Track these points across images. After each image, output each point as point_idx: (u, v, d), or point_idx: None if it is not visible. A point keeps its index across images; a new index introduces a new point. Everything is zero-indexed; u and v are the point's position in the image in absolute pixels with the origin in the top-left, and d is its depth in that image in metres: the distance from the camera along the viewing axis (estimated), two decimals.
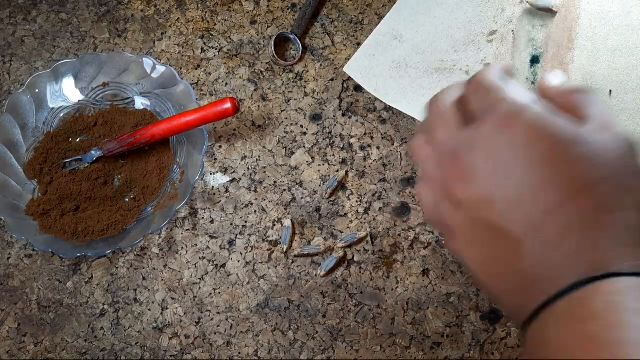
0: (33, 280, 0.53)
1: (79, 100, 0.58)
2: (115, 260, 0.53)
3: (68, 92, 0.58)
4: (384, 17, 0.62)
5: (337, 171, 0.56)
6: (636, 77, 0.55)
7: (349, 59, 0.60)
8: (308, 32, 0.62)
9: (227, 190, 0.56)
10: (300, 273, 0.52)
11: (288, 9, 0.64)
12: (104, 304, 0.52)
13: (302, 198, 0.55)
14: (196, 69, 0.61)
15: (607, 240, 0.25)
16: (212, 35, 0.63)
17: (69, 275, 0.53)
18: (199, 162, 0.52)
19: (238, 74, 0.61)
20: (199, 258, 0.53)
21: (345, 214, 0.54)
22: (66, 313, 0.52)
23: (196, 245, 0.54)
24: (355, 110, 0.58)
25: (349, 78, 0.60)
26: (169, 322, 0.51)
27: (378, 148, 0.57)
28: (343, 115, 0.58)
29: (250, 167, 0.56)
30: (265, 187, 0.55)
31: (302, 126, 0.58)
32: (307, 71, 0.60)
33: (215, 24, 0.63)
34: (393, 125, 0.58)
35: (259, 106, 0.59)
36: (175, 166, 0.55)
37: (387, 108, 0.58)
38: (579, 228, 0.26)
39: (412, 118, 0.57)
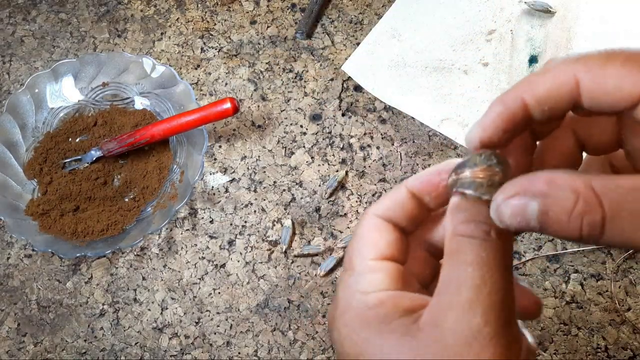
0: (33, 280, 0.53)
1: (79, 100, 0.58)
2: (115, 260, 0.53)
3: (68, 92, 0.58)
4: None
5: (337, 171, 0.56)
6: None
7: (348, 59, 0.60)
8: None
9: (226, 190, 0.56)
10: (300, 273, 0.52)
11: (288, 9, 0.64)
12: (103, 304, 0.52)
13: (301, 198, 0.55)
14: (196, 69, 0.61)
15: None
16: (211, 35, 0.63)
17: (69, 275, 0.53)
18: (198, 162, 0.52)
19: (238, 74, 0.61)
20: (199, 258, 0.53)
21: (345, 214, 0.54)
22: (66, 313, 0.52)
23: (196, 245, 0.54)
24: (355, 110, 0.58)
25: (349, 78, 0.60)
26: (168, 322, 0.51)
27: (378, 148, 0.57)
28: (343, 115, 0.58)
29: (250, 167, 0.56)
30: (265, 187, 0.55)
31: (301, 126, 0.58)
32: (307, 71, 0.61)
33: (215, 24, 0.63)
34: (393, 125, 0.58)
35: (258, 106, 0.59)
36: (175, 166, 0.55)
37: (387, 108, 0.58)
38: None
39: (412, 118, 0.57)
